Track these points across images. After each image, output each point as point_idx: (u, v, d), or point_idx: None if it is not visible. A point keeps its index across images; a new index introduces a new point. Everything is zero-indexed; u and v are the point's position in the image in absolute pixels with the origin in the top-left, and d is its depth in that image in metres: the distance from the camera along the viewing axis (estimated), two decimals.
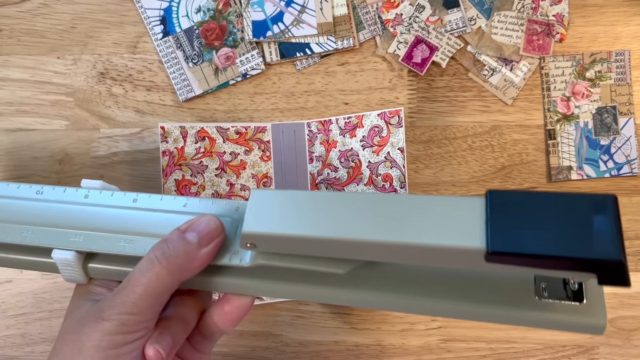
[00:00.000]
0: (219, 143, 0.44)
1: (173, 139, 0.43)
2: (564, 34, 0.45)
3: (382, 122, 0.44)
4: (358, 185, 0.44)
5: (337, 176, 0.44)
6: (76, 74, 0.46)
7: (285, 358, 0.46)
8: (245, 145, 0.44)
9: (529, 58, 0.45)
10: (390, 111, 0.44)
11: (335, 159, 0.44)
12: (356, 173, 0.44)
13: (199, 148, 0.43)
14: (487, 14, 0.45)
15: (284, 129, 0.45)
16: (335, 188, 0.44)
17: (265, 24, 0.45)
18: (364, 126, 0.44)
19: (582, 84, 0.45)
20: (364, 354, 0.45)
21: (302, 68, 0.46)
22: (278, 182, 0.45)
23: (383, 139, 0.44)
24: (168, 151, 0.43)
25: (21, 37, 0.46)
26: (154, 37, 0.45)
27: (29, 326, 0.46)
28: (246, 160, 0.44)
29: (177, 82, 0.45)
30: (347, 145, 0.44)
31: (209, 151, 0.44)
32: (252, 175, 0.44)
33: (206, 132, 0.44)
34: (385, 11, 0.45)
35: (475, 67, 0.45)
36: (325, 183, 0.44)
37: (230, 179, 0.44)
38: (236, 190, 0.44)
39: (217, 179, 0.44)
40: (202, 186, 0.44)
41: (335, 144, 0.44)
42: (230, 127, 0.44)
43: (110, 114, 0.46)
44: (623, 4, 0.45)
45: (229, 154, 0.44)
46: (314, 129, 0.45)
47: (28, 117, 0.46)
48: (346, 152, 0.44)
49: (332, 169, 0.44)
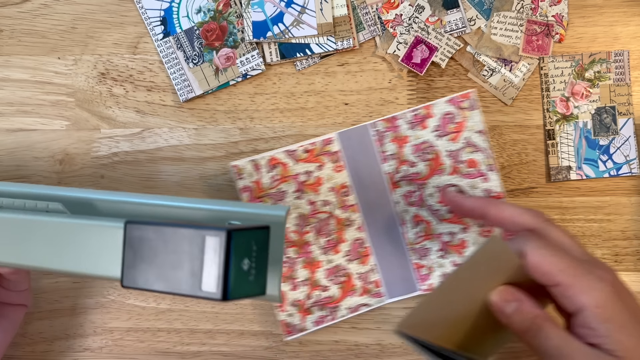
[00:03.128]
0: (290, 166, 0.43)
1: (247, 174, 0.43)
2: (563, 34, 0.45)
3: (453, 107, 0.43)
4: (441, 176, 0.43)
5: (417, 171, 0.43)
6: (77, 74, 0.46)
7: (285, 357, 0.46)
8: (317, 161, 0.44)
9: (528, 58, 0.45)
10: (461, 95, 0.43)
11: (410, 154, 0.43)
12: (436, 164, 0.43)
13: (273, 176, 0.43)
14: (486, 14, 0.45)
15: (350, 135, 0.44)
16: (417, 183, 0.43)
17: (265, 25, 0.45)
18: (434, 115, 0.43)
19: (582, 84, 0.45)
20: (364, 353, 0.45)
21: (302, 68, 0.46)
22: (356, 189, 0.44)
23: (459, 125, 0.43)
24: (247, 187, 0.43)
25: (22, 37, 0.46)
26: (155, 38, 0.45)
27: (29, 326, 0.46)
28: (321, 176, 0.44)
29: (178, 82, 0.45)
30: (419, 137, 0.43)
31: (284, 176, 0.43)
32: (329, 188, 0.44)
33: (276, 159, 0.43)
34: (385, 12, 0.45)
35: (475, 67, 0.45)
36: (405, 180, 0.44)
37: (311, 197, 0.44)
38: (319, 207, 0.44)
39: (298, 201, 0.44)
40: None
41: (406, 139, 0.43)
42: (298, 147, 0.44)
43: (110, 114, 0.46)
44: (622, 5, 0.45)
45: (303, 173, 0.44)
46: (380, 128, 0.44)
47: (29, 117, 0.46)
48: (420, 145, 0.43)
49: (409, 164, 0.43)
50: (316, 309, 0.44)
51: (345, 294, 0.44)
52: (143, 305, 0.46)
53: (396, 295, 0.45)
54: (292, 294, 0.44)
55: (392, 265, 0.44)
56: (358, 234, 0.44)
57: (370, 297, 0.44)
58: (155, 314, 0.46)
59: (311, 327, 0.44)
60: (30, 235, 0.31)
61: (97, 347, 0.46)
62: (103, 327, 0.46)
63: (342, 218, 0.44)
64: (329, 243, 0.44)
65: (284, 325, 0.44)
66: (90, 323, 0.46)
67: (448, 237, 0.44)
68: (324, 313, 0.44)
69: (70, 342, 0.46)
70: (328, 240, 0.44)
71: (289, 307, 0.44)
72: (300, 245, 0.44)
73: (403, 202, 0.44)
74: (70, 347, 0.46)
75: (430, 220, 0.44)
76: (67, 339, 0.46)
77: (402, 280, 0.45)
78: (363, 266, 0.44)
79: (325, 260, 0.44)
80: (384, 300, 0.45)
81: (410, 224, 0.44)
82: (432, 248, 0.44)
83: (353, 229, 0.44)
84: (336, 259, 0.44)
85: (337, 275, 0.44)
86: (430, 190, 0.44)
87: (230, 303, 0.45)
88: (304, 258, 0.44)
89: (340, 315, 0.44)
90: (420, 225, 0.44)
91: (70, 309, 0.46)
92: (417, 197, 0.44)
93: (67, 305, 0.46)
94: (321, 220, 0.44)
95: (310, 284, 0.44)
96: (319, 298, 0.44)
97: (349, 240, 0.44)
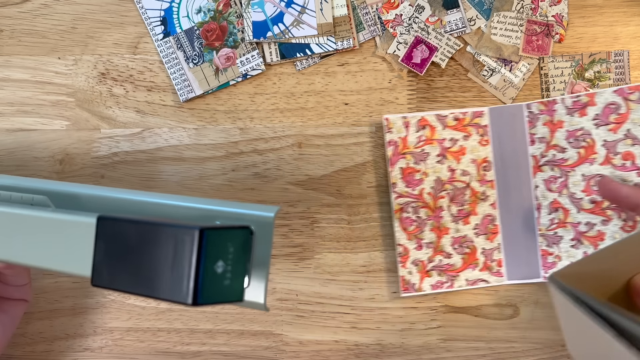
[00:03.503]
0: (438, 130, 0.44)
1: (397, 129, 0.44)
2: (563, 34, 0.45)
3: (619, 98, 0.42)
4: (592, 165, 0.42)
5: (566, 157, 0.43)
6: (77, 74, 0.46)
7: (285, 357, 0.46)
8: (464, 130, 0.44)
9: (528, 58, 0.45)
10: (630, 87, 0.42)
11: (562, 139, 0.43)
12: (589, 153, 0.43)
13: (420, 136, 0.44)
14: (486, 14, 0.45)
15: (502, 112, 0.44)
16: (563, 169, 0.43)
17: (265, 25, 0.45)
18: (597, 104, 0.42)
19: (582, 84, 0.45)
20: (364, 353, 0.45)
21: (302, 68, 0.46)
22: (497, 166, 0.44)
23: (621, 116, 0.42)
24: (393, 141, 0.44)
25: (22, 37, 0.46)
26: (155, 38, 0.46)
27: (29, 326, 0.46)
28: (465, 146, 0.44)
29: (178, 82, 0.45)
30: (575, 124, 0.43)
31: (430, 139, 0.44)
32: (471, 160, 0.44)
33: (426, 120, 0.44)
34: (385, 12, 0.45)
35: (475, 67, 0.45)
36: (550, 165, 0.44)
37: (451, 165, 0.44)
38: (457, 176, 0.44)
39: (439, 165, 0.44)
40: (424, 173, 0.44)
41: (561, 124, 0.43)
42: (449, 114, 0.44)
43: (111, 114, 0.46)
44: (622, 5, 0.45)
45: (449, 140, 0.44)
46: (535, 110, 0.44)
47: (29, 117, 0.46)
48: (575, 132, 0.43)
49: (559, 149, 0.43)
50: (435, 273, 0.45)
51: (467, 266, 0.45)
52: (143, 305, 0.46)
53: (516, 278, 0.45)
54: (415, 252, 0.44)
55: (518, 248, 0.45)
56: (490, 211, 0.45)
57: (490, 275, 0.45)
58: (156, 314, 0.46)
59: (428, 289, 0.45)
60: (10, 228, 0.30)
61: (97, 347, 0.46)
62: (103, 327, 0.46)
63: (478, 191, 0.44)
64: (460, 212, 0.44)
65: (403, 281, 0.44)
66: (90, 323, 0.46)
67: (585, 227, 0.43)
68: (443, 279, 0.45)
69: (70, 342, 0.46)
70: (460, 209, 0.44)
71: (409, 264, 0.44)
72: (432, 209, 0.44)
73: (543, 186, 0.44)
74: (70, 347, 0.46)
75: (569, 208, 0.43)
76: (67, 339, 0.46)
77: (525, 264, 0.45)
78: (489, 243, 0.45)
79: (454, 228, 0.44)
80: (502, 280, 0.45)
81: (547, 209, 0.44)
82: (565, 237, 0.44)
83: (487, 204, 0.45)
84: (464, 230, 0.44)
85: (462, 246, 0.45)
86: (576, 177, 0.43)
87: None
88: (433, 221, 0.44)
89: (458, 285, 0.45)
90: (557, 212, 0.44)
91: (70, 309, 0.46)
92: (560, 183, 0.44)
93: (67, 305, 0.46)
94: (457, 189, 0.44)
95: (434, 247, 0.44)
96: (440, 263, 0.44)
97: (480, 215, 0.45)
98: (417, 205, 0.44)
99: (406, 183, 0.44)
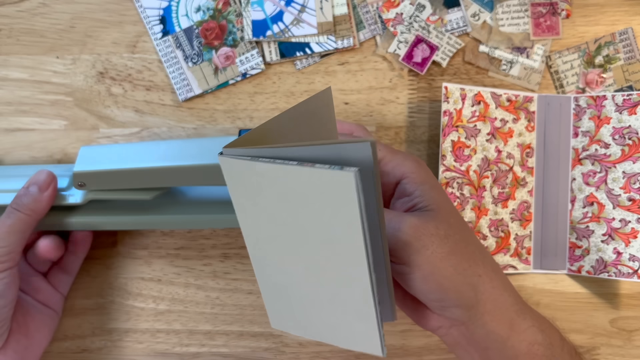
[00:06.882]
0: (491, 108, 0.44)
1: (453, 100, 0.43)
2: (569, 9, 0.45)
3: None
4: (635, 164, 0.42)
5: (608, 153, 0.43)
6: (75, 73, 0.46)
7: (285, 359, 0.45)
8: (514, 113, 0.44)
9: (540, 41, 0.45)
10: None
11: (608, 135, 0.43)
12: (633, 151, 0.42)
13: (474, 111, 0.44)
14: (489, 7, 0.45)
15: (550, 101, 0.44)
16: (604, 165, 0.43)
17: (265, 24, 0.45)
18: None
19: (594, 72, 0.45)
20: (363, 354, 0.45)
21: (302, 68, 0.46)
22: (539, 154, 0.45)
23: None
24: (448, 111, 0.43)
25: (20, 36, 0.46)
26: (154, 37, 0.45)
27: None
28: (513, 129, 0.44)
29: (177, 81, 0.45)
30: (623, 122, 0.43)
31: (483, 115, 0.44)
32: (517, 144, 0.44)
33: (482, 96, 0.44)
34: (386, 10, 0.45)
35: (493, 64, 0.45)
36: (591, 159, 0.44)
37: (499, 145, 0.44)
38: (502, 158, 0.44)
39: (487, 144, 0.44)
40: (473, 149, 0.44)
41: (608, 120, 0.43)
42: (503, 93, 0.44)
43: (109, 114, 0.46)
44: (624, 4, 0.45)
45: (500, 120, 0.44)
46: (582, 103, 0.44)
47: (27, 116, 0.46)
48: (622, 130, 0.43)
49: (602, 145, 0.43)
50: None
51: (499, 250, 0.44)
52: (142, 306, 0.46)
53: (542, 268, 0.45)
54: None
55: (548, 238, 0.45)
56: (527, 197, 0.45)
57: (519, 262, 0.45)
58: (154, 315, 0.46)
59: None
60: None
61: (95, 348, 0.46)
62: (102, 328, 0.46)
63: (519, 176, 0.44)
64: (500, 195, 0.44)
65: None
66: (88, 324, 0.46)
67: (619, 223, 0.43)
68: None
69: (68, 343, 0.46)
70: (501, 192, 0.44)
71: None
72: (476, 187, 0.44)
73: (581, 179, 0.44)
74: (68, 349, 0.46)
75: (605, 203, 0.43)
76: (65, 340, 0.46)
77: (553, 255, 0.45)
78: (522, 230, 0.45)
79: (493, 210, 0.44)
80: (529, 269, 0.45)
81: (581, 202, 0.44)
82: (597, 231, 0.44)
83: (525, 190, 0.45)
84: (502, 214, 0.44)
85: (497, 229, 0.44)
86: (617, 174, 0.43)
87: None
88: (475, 200, 0.44)
89: None
90: (592, 206, 0.44)
91: (69, 310, 0.46)
92: (598, 178, 0.44)
93: (66, 305, 0.45)
94: (500, 171, 0.44)
95: (472, 227, 0.44)
96: None
97: (517, 200, 0.44)
98: (462, 182, 0.44)
99: (455, 157, 0.43)
